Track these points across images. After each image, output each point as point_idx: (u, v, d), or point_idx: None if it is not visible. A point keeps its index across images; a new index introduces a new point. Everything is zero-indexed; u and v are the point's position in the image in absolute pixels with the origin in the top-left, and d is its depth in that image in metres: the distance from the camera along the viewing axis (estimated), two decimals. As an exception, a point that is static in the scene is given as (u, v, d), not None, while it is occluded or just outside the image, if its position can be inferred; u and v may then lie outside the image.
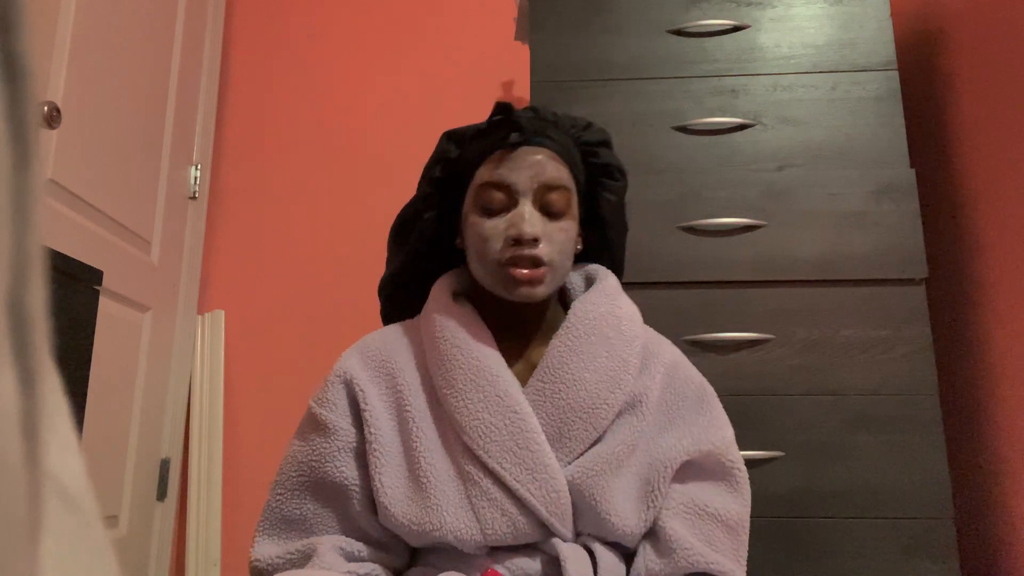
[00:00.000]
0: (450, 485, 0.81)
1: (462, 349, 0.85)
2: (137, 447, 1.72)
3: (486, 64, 2.16)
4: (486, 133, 0.90)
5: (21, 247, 0.19)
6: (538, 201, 0.86)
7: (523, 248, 0.84)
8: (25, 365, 0.19)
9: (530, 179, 0.86)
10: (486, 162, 0.89)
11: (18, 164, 0.19)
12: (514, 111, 0.88)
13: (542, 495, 0.79)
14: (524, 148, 0.87)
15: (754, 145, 1.46)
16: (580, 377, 0.84)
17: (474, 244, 0.88)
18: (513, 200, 0.86)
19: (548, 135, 0.89)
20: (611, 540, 0.83)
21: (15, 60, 0.19)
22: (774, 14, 1.52)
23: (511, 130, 0.88)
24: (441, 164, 0.93)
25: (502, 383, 0.83)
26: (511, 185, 0.86)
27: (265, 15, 2.27)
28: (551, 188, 0.87)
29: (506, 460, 0.80)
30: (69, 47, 1.48)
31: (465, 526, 0.79)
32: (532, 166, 0.86)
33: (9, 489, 0.17)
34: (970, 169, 1.49)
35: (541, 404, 0.84)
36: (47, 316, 0.20)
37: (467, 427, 0.82)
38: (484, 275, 0.88)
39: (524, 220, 0.84)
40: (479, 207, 0.87)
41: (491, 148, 0.88)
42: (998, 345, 1.38)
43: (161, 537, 1.82)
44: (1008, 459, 1.35)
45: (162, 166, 1.88)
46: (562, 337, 0.87)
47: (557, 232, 0.86)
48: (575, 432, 0.83)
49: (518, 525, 0.79)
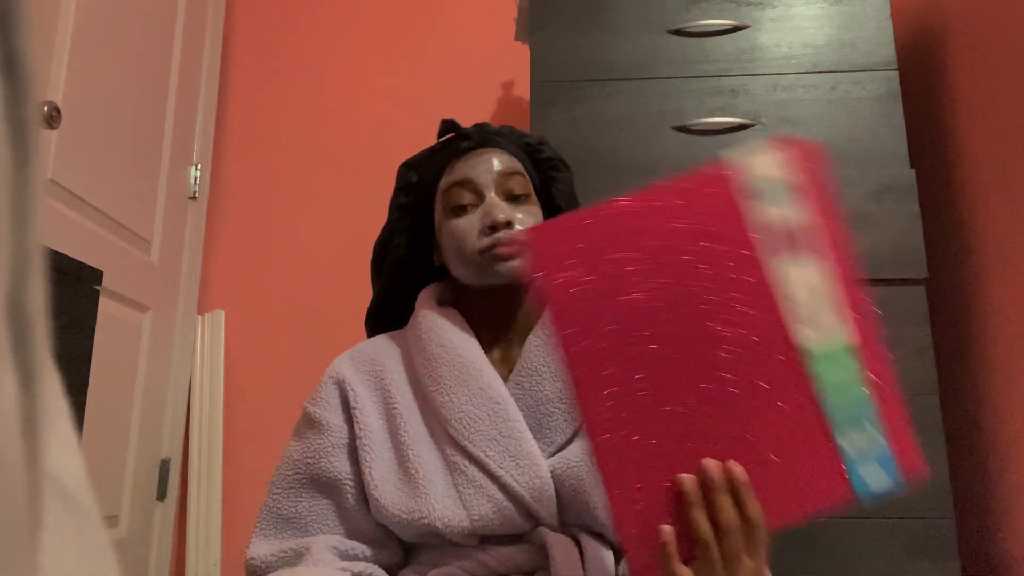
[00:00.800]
0: (437, 475, 0.84)
1: (446, 348, 0.90)
2: (137, 447, 1.72)
3: (486, 64, 2.16)
4: (440, 151, 0.99)
5: (21, 247, 0.19)
6: (501, 190, 0.93)
7: (499, 232, 0.89)
8: (25, 365, 0.19)
9: (487, 172, 0.93)
10: (446, 172, 0.96)
11: (18, 164, 0.19)
12: (458, 125, 0.98)
13: (526, 480, 0.81)
14: (478, 150, 0.96)
15: (754, 145, 1.45)
16: (556, 369, 0.88)
17: (451, 244, 0.93)
18: (479, 195, 0.93)
19: (495, 139, 0.97)
20: (597, 531, 0.83)
21: (15, 60, 0.19)
22: (774, 14, 1.51)
23: (461, 140, 0.96)
24: (404, 190, 1.01)
25: (485, 377, 0.87)
26: (473, 180, 0.93)
27: (265, 15, 2.27)
28: (509, 175, 0.94)
29: (490, 448, 0.83)
30: (69, 47, 1.48)
31: (452, 513, 0.81)
32: (487, 160, 0.94)
33: (9, 489, 0.17)
34: (970, 169, 1.49)
35: (521, 397, 0.87)
36: (47, 316, 0.20)
37: (452, 419, 0.85)
38: (466, 270, 0.92)
39: (495, 207, 0.90)
40: (449, 210, 0.94)
41: (447, 160, 0.97)
42: (998, 345, 1.38)
43: (161, 537, 1.82)
44: (1008, 459, 1.35)
45: (162, 166, 1.88)
46: (538, 332, 0.91)
47: (525, 215, 0.93)
48: (555, 423, 0.86)
49: (504, 512, 0.81)
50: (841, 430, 0.64)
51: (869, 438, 0.64)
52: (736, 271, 0.66)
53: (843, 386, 0.65)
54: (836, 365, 0.65)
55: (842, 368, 0.65)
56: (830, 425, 0.64)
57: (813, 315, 0.65)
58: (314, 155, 2.15)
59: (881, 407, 0.64)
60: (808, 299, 0.66)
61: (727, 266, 0.66)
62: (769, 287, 0.66)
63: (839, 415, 0.64)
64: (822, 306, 0.66)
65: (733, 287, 0.66)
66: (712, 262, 0.66)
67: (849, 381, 0.65)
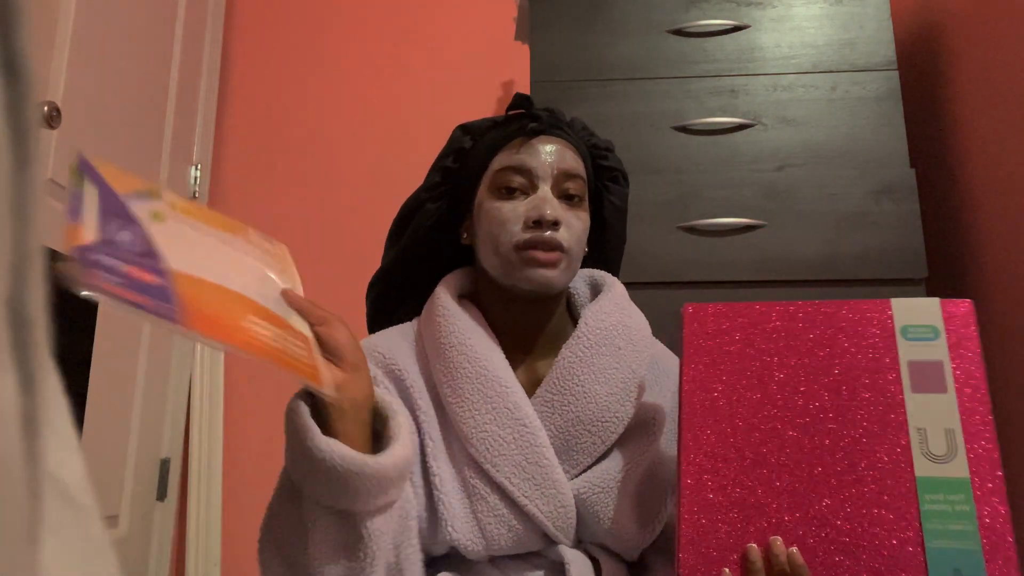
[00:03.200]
0: (455, 497, 0.80)
1: (469, 357, 0.83)
2: (137, 447, 1.72)
3: (486, 64, 2.16)
4: (503, 124, 0.90)
5: (21, 247, 0.19)
6: (557, 188, 0.86)
7: (543, 230, 0.82)
8: (25, 365, 0.19)
9: (550, 165, 0.85)
10: (504, 149, 0.88)
11: (18, 164, 0.19)
12: (533, 103, 0.89)
13: (550, 510, 0.78)
14: (542, 136, 0.87)
15: (754, 145, 1.46)
16: (590, 389, 0.82)
17: (489, 228, 0.85)
18: (532, 184, 0.85)
19: (565, 129, 0.89)
20: (613, 550, 0.82)
21: (15, 60, 0.19)
22: (774, 14, 1.52)
23: (530, 120, 0.87)
24: (454, 155, 0.91)
25: (511, 395, 0.81)
26: (531, 169, 0.85)
27: (265, 15, 2.27)
28: (570, 176, 0.86)
29: (515, 475, 0.79)
30: (69, 47, 1.48)
31: (470, 540, 0.78)
32: (552, 153, 0.86)
33: (9, 489, 0.17)
34: (970, 169, 1.49)
35: (549, 416, 0.82)
36: (47, 316, 0.20)
37: (474, 439, 0.80)
38: (497, 262, 0.85)
39: (546, 202, 0.83)
40: (496, 191, 0.86)
41: (509, 137, 0.88)
42: (998, 345, 1.38)
43: (161, 537, 1.82)
44: (1008, 459, 1.35)
45: (162, 166, 1.88)
46: (572, 347, 0.84)
47: (575, 220, 0.85)
48: (583, 445, 0.81)
49: (522, 538, 0.79)
50: (941, 574, 0.64)
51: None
52: (875, 393, 0.71)
53: (955, 534, 0.65)
54: (953, 507, 0.66)
55: (958, 514, 0.66)
56: (930, 570, 0.65)
57: (941, 452, 0.68)
58: (314, 155, 2.15)
59: (988, 556, 0.65)
60: (939, 437, 0.69)
61: (867, 386, 0.72)
62: (904, 418, 0.70)
63: (941, 562, 0.65)
64: (953, 446, 0.68)
65: (867, 408, 0.71)
66: (854, 381, 0.72)
67: (963, 532, 0.65)
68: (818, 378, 0.72)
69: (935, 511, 0.66)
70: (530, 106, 0.89)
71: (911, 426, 0.69)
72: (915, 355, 0.72)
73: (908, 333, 0.73)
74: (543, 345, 0.89)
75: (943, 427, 0.69)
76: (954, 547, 0.65)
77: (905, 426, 0.69)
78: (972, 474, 0.66)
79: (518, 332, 0.89)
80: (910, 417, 0.69)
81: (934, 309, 0.73)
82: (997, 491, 0.66)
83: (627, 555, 0.83)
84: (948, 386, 0.70)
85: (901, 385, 0.71)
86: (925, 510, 0.66)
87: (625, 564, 0.83)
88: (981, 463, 0.67)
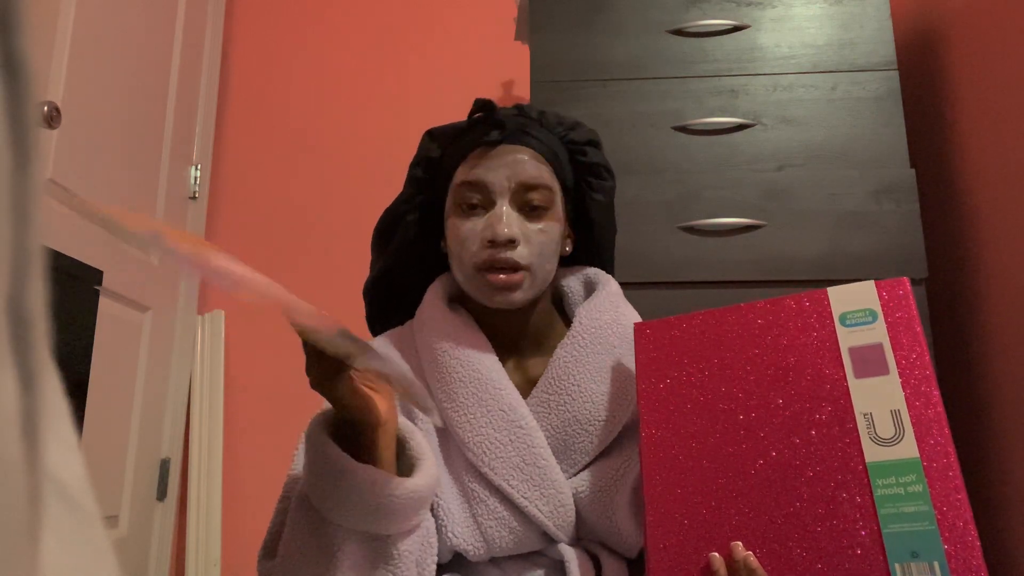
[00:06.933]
0: (454, 502, 0.80)
1: (462, 361, 0.82)
2: (137, 447, 1.72)
3: (486, 64, 2.16)
4: (466, 131, 0.87)
5: (21, 247, 0.19)
6: (516, 201, 0.83)
7: (499, 250, 0.81)
8: (25, 365, 0.19)
9: (507, 178, 0.83)
10: (465, 161, 0.85)
11: (18, 164, 0.19)
12: (496, 109, 0.86)
13: (550, 510, 0.78)
14: (504, 147, 0.84)
15: (754, 145, 1.46)
16: (586, 388, 0.82)
17: (453, 247, 0.85)
18: (490, 200, 0.83)
19: (531, 133, 0.86)
20: (613, 548, 0.83)
21: (15, 60, 0.19)
22: (774, 14, 1.52)
23: (491, 128, 0.85)
24: (423, 164, 0.90)
25: (506, 397, 0.81)
26: (487, 184, 0.83)
27: (265, 15, 2.27)
28: (530, 187, 0.83)
29: (513, 477, 0.78)
30: (69, 47, 1.48)
31: (471, 544, 0.78)
32: (510, 165, 0.83)
33: (9, 489, 0.17)
34: (970, 169, 1.49)
35: (545, 416, 0.82)
36: (47, 316, 0.20)
37: (471, 443, 0.80)
38: (463, 280, 0.85)
39: (500, 221, 0.81)
40: (457, 207, 0.85)
41: (470, 147, 0.85)
42: (998, 345, 1.38)
43: (161, 537, 1.82)
44: (1008, 459, 1.35)
45: (162, 166, 1.88)
46: (567, 347, 0.84)
47: (536, 234, 0.83)
48: (580, 444, 0.81)
49: (522, 538, 0.79)
50: (899, 558, 0.64)
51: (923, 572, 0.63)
52: (819, 385, 0.71)
53: (910, 516, 0.65)
54: (906, 489, 0.66)
55: (910, 496, 0.65)
56: (888, 554, 0.64)
57: (888, 435, 0.68)
58: (314, 155, 2.15)
59: (945, 534, 0.64)
60: (885, 420, 0.68)
61: (810, 379, 0.72)
62: (850, 405, 0.70)
63: (898, 546, 0.64)
64: (899, 427, 0.68)
65: (813, 400, 0.71)
66: (798, 375, 0.72)
67: (917, 513, 0.65)
68: (766, 377, 0.73)
69: (888, 495, 0.65)
70: (492, 112, 0.85)
71: (857, 412, 0.69)
72: (854, 341, 0.72)
73: (847, 320, 0.73)
74: (531, 345, 0.89)
75: (888, 409, 0.68)
76: (909, 529, 0.64)
77: (852, 413, 0.69)
78: (921, 453, 0.65)
79: (507, 333, 0.88)
80: (855, 403, 0.69)
81: (870, 293, 0.73)
82: (950, 467, 0.65)
83: (627, 552, 0.83)
84: (890, 367, 0.70)
85: (844, 373, 0.71)
86: (879, 495, 0.65)
87: (625, 561, 0.83)
88: (929, 441, 0.66)
